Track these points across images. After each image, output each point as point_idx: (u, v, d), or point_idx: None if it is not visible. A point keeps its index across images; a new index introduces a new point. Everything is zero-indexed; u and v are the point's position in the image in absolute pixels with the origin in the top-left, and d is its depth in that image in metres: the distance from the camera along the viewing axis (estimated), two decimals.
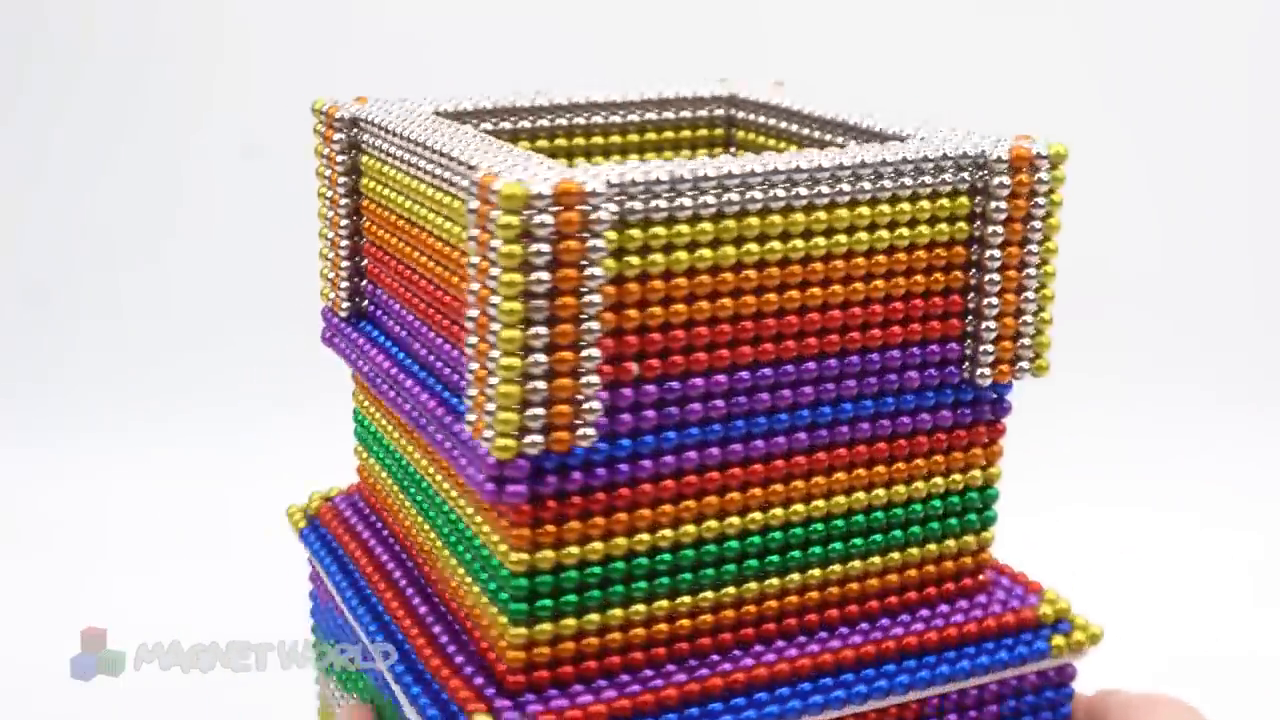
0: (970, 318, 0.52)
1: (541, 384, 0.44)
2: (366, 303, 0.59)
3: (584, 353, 0.44)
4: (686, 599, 0.50)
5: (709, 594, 0.50)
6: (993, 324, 0.51)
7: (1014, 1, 1.26)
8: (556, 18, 1.22)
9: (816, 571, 0.52)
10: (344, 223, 0.59)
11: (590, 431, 0.45)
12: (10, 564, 0.98)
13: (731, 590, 0.51)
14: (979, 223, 0.51)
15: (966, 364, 0.52)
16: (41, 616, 0.88)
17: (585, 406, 0.45)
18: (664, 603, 0.50)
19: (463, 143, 0.50)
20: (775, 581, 0.52)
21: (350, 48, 1.21)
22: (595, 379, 0.45)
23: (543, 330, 0.44)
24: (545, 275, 0.43)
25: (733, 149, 0.64)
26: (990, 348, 0.52)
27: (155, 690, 0.64)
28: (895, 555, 0.53)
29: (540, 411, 0.44)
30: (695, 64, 0.73)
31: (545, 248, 0.43)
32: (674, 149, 0.64)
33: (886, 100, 0.59)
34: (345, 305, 0.59)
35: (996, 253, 0.51)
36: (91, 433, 1.15)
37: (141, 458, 1.12)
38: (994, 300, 0.51)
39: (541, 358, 0.44)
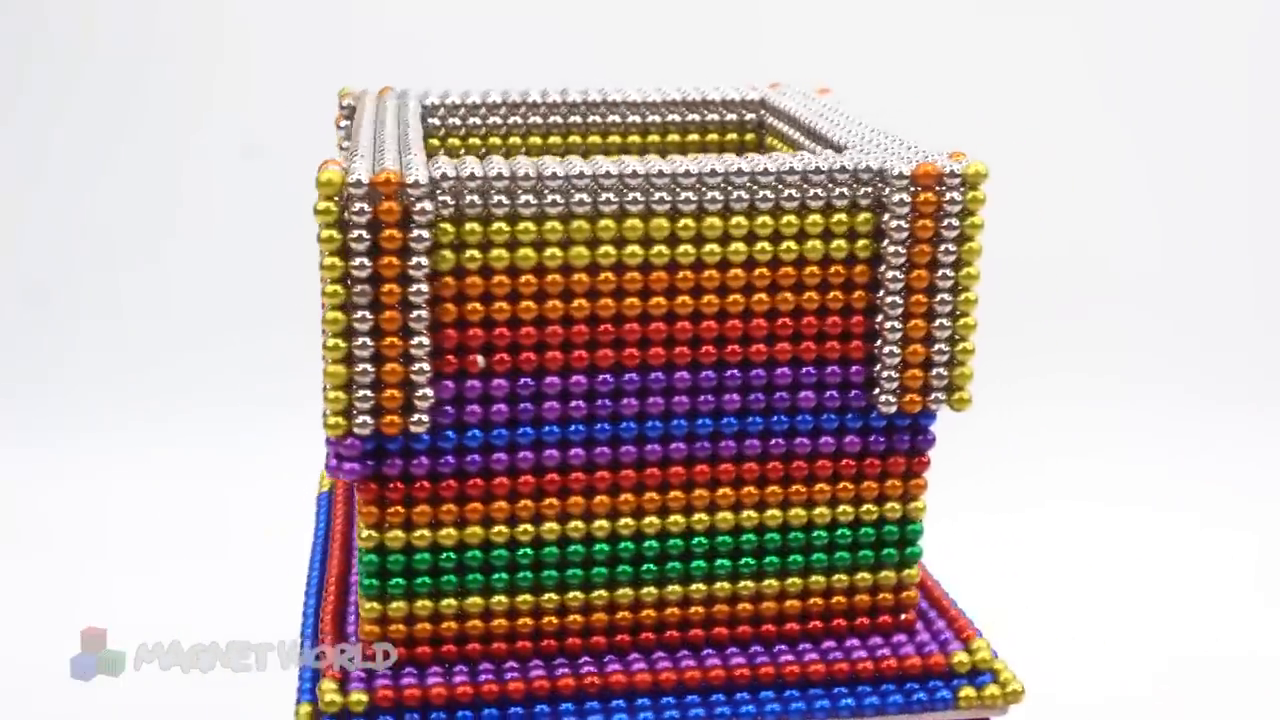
0: (878, 341, 0.49)
1: (369, 367, 0.45)
2: None
3: (414, 340, 0.45)
4: (553, 596, 0.49)
5: (578, 594, 0.50)
6: (895, 349, 0.48)
7: (1018, 2, 1.25)
8: (588, 18, 1.22)
9: (701, 586, 0.50)
10: None
11: (424, 418, 0.45)
12: (10, 564, 0.98)
13: (603, 594, 0.50)
14: (885, 241, 0.47)
15: (875, 389, 0.49)
16: (41, 616, 0.88)
17: (418, 393, 0.45)
18: (527, 597, 0.49)
19: (377, 132, 0.50)
20: (653, 590, 0.50)
21: (351, 47, 1.21)
22: (426, 366, 0.45)
23: (368, 315, 0.44)
24: (367, 261, 0.44)
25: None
26: (893, 374, 0.48)
27: (155, 690, 0.64)
28: (796, 581, 0.51)
29: (368, 394, 0.45)
30: (746, 68, 0.72)
31: (366, 234, 0.44)
32: (701, 152, 0.62)
33: (917, 105, 0.58)
34: None
35: (898, 273, 0.47)
36: (91, 433, 1.15)
37: (141, 458, 1.12)
38: (896, 324, 0.48)
39: (368, 341, 0.44)
